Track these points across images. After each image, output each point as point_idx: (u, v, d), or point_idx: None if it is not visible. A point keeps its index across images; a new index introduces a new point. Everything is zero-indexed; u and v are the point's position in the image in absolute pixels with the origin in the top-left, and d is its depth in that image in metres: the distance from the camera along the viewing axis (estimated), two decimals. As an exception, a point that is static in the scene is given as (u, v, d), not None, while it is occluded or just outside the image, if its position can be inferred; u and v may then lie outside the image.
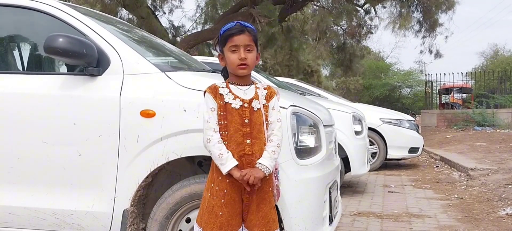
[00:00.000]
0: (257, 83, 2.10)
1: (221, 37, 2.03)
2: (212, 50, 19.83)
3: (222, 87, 2.02)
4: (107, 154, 2.39)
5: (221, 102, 1.99)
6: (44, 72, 2.87)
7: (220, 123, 1.98)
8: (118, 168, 2.39)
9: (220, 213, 1.97)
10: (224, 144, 1.96)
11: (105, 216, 2.41)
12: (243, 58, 1.97)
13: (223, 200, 1.98)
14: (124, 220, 2.39)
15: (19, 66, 3.12)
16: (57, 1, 2.72)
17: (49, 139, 2.46)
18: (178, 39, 15.42)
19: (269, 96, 2.05)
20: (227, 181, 1.97)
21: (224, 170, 1.93)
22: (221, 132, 1.97)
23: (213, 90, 2.01)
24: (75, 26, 2.57)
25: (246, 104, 1.99)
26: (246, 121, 1.98)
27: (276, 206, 2.18)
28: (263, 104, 2.02)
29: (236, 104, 1.98)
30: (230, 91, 2.01)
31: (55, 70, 3.08)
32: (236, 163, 1.94)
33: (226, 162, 1.93)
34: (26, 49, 3.30)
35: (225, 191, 1.98)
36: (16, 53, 3.18)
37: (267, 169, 1.95)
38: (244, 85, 2.04)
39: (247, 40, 1.99)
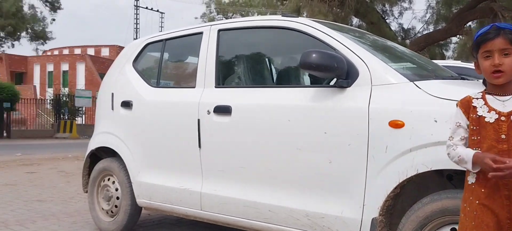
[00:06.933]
0: None
1: (474, 43, 1.85)
2: (443, 51, 18.61)
3: (477, 98, 1.84)
4: (356, 162, 2.48)
5: (474, 115, 1.81)
6: (294, 85, 3.17)
7: (472, 138, 1.81)
8: (366, 177, 2.45)
9: None
10: None
11: (354, 222, 2.50)
12: (497, 64, 1.75)
13: (473, 223, 1.79)
14: (373, 228, 2.43)
15: (272, 81, 3.50)
16: (306, 19, 2.97)
17: (302, 145, 2.69)
18: (407, 41, 14.94)
19: None
20: (477, 202, 1.78)
21: (470, 166, 1.77)
22: (473, 149, 1.80)
23: (464, 104, 1.86)
24: (324, 41, 2.75)
25: (503, 118, 1.75)
26: (503, 136, 1.73)
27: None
28: None
29: (491, 117, 1.77)
30: (485, 103, 1.80)
31: (300, 83, 3.36)
32: (475, 151, 1.77)
33: (467, 157, 1.77)
34: (276, 65, 3.69)
35: (475, 213, 1.79)
36: (269, 68, 3.59)
37: None
38: (505, 95, 1.80)
39: (502, 44, 1.75)
